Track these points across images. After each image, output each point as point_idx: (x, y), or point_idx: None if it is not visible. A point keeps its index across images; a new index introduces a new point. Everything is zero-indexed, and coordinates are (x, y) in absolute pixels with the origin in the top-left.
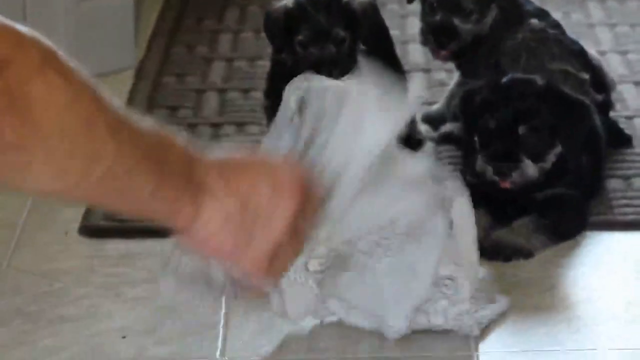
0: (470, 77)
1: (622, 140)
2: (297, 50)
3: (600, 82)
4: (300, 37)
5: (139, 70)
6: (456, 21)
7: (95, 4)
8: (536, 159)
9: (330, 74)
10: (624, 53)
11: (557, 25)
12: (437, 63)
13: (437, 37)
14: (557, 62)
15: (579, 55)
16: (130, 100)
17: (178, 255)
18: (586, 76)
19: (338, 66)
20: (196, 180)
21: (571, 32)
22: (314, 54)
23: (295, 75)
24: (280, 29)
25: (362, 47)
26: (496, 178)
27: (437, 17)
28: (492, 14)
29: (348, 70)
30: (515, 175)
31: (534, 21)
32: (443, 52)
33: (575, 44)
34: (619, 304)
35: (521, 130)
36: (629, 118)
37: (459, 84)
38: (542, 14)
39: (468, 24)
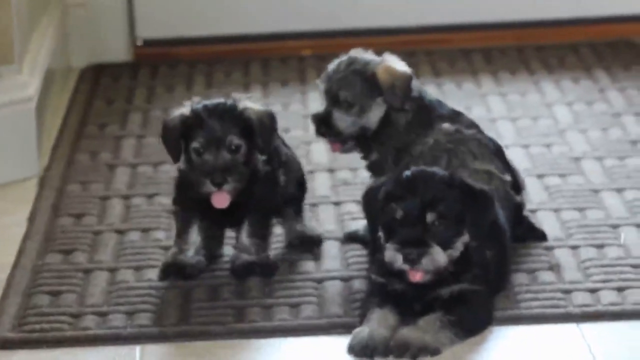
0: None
1: (535, 235)
2: (192, 158)
3: (517, 184)
4: (194, 144)
5: (43, 178)
6: (336, 114)
7: None
8: (445, 245)
9: (224, 181)
10: (526, 146)
11: (472, 125)
12: (341, 162)
13: (316, 127)
14: (480, 162)
15: (499, 155)
16: (35, 210)
17: None
18: (508, 178)
19: (231, 174)
20: None
21: None
22: (208, 161)
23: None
24: (177, 136)
25: (260, 156)
26: (406, 267)
27: (322, 109)
28: (379, 109)
29: (242, 178)
30: (425, 262)
31: (446, 125)
32: (335, 144)
33: (494, 143)
34: None
35: (429, 217)
36: (533, 211)
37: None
38: (455, 116)
39: (349, 117)
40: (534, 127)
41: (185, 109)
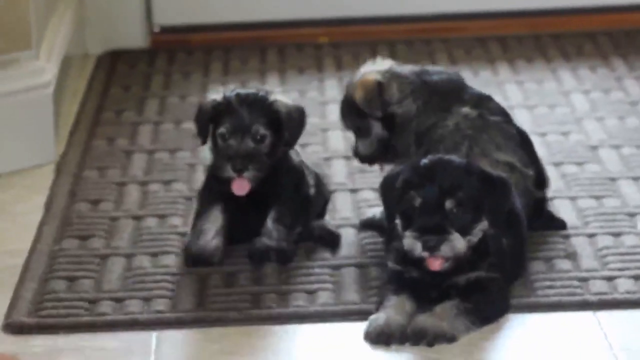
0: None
1: (556, 225)
2: (218, 142)
3: (541, 179)
4: (221, 130)
5: (60, 164)
6: (357, 143)
7: (14, 99)
8: (464, 232)
9: (244, 168)
10: (543, 134)
11: (500, 112)
12: None
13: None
14: (503, 153)
15: (526, 147)
16: (52, 195)
17: None
18: (531, 173)
19: (253, 161)
20: None
21: None
22: (232, 146)
23: (223, 182)
24: (206, 120)
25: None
26: (425, 254)
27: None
28: (377, 122)
29: (263, 167)
30: (444, 249)
31: (466, 109)
32: (380, 166)
33: (522, 134)
34: None
35: (448, 204)
36: (550, 199)
37: None
38: (480, 101)
39: (365, 141)
40: (550, 115)
41: (218, 95)
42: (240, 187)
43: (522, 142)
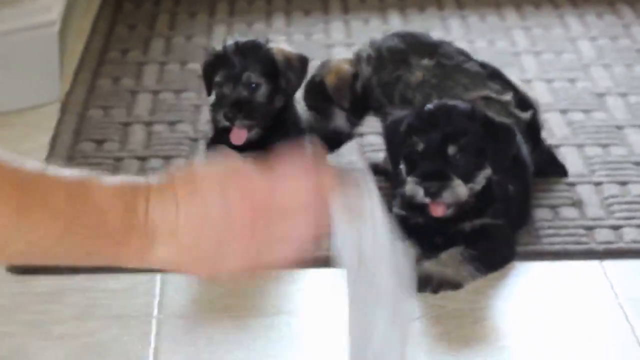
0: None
1: (556, 169)
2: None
3: (523, 101)
4: (217, 78)
5: (65, 103)
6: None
7: (20, 37)
8: (466, 179)
9: (235, 117)
10: (549, 81)
11: (457, 53)
12: None
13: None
14: (473, 91)
15: (496, 77)
16: (56, 135)
17: None
18: (508, 98)
19: (245, 110)
20: (137, 221)
21: (496, 60)
22: (227, 95)
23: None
24: (209, 70)
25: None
26: (427, 200)
27: None
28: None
29: (259, 116)
30: (446, 195)
31: (425, 61)
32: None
33: (487, 66)
34: (548, 333)
35: (450, 150)
36: (556, 147)
37: None
38: (435, 48)
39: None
40: (557, 61)
41: (220, 45)
42: (237, 136)
43: (490, 75)
